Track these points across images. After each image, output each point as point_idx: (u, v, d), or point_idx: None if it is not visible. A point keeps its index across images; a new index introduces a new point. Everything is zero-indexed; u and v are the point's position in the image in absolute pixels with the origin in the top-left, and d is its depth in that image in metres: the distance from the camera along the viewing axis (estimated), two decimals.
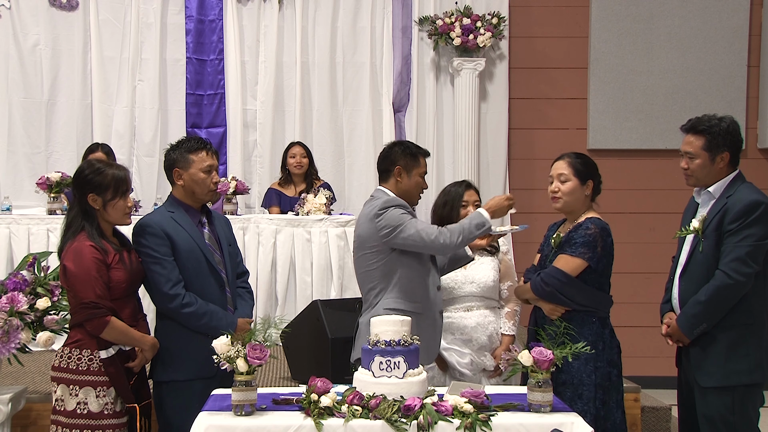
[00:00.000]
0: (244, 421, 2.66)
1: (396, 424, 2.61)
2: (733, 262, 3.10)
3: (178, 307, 3.18)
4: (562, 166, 3.35)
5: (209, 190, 3.33)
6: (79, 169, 3.18)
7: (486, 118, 6.61)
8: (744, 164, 3.34)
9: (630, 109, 6.56)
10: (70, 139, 6.32)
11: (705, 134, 3.22)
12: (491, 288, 3.68)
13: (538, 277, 3.28)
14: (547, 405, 2.75)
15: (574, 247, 3.21)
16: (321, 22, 6.53)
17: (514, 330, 3.67)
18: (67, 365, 3.01)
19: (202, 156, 3.29)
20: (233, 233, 3.56)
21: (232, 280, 3.41)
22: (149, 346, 3.14)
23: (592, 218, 3.28)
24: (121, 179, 3.11)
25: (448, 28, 6.38)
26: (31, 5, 6.29)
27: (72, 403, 2.99)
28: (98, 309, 2.96)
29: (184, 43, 6.47)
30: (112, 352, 3.02)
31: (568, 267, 3.21)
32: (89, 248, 2.99)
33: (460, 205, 3.71)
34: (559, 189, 3.32)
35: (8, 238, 5.30)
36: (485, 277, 3.67)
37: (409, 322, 2.91)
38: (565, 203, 3.32)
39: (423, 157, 3.49)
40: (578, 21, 6.65)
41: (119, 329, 3.02)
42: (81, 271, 2.96)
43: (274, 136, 6.49)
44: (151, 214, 3.42)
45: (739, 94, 6.54)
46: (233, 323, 3.25)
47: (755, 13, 6.58)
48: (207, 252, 3.29)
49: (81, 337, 3.01)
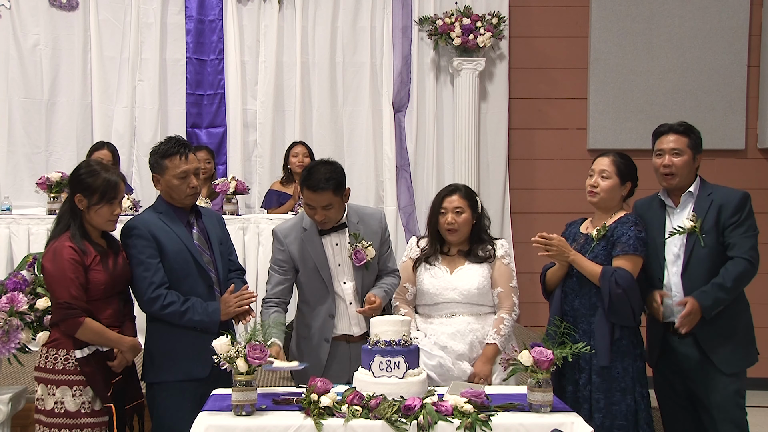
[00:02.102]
0: (244, 421, 2.66)
1: (396, 424, 2.61)
2: (751, 250, 3.31)
3: (159, 309, 3.14)
4: (606, 163, 3.42)
5: (186, 195, 3.25)
6: (77, 167, 3.16)
7: (486, 118, 6.61)
8: (744, 164, 3.41)
9: (630, 109, 6.56)
10: (70, 139, 6.32)
11: (688, 134, 3.43)
12: (475, 295, 3.47)
13: (612, 277, 3.25)
14: (547, 405, 2.76)
15: (635, 245, 3.29)
16: (321, 22, 6.53)
17: (498, 339, 3.41)
18: (45, 365, 3.02)
19: (176, 162, 3.20)
20: (226, 230, 3.49)
21: (224, 279, 3.35)
22: (128, 347, 3.10)
23: (631, 215, 3.41)
24: (111, 185, 3.07)
25: (448, 28, 6.38)
26: (31, 5, 6.29)
27: (50, 402, 3.00)
28: (72, 309, 2.96)
29: (184, 43, 6.47)
30: (87, 352, 3.01)
31: (636, 267, 3.31)
32: (68, 249, 2.99)
33: (438, 212, 3.55)
34: (599, 185, 3.40)
35: (8, 238, 5.30)
36: (468, 284, 3.47)
37: (408, 322, 2.92)
38: (601, 199, 3.41)
39: (305, 187, 3.28)
40: (578, 21, 6.65)
41: (93, 330, 3.00)
42: (57, 271, 2.97)
43: (274, 136, 6.49)
44: (138, 216, 3.38)
45: (739, 94, 6.54)
46: (216, 310, 3.19)
47: (755, 13, 6.58)
48: (195, 252, 3.24)
49: (58, 336, 3.02)
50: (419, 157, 6.63)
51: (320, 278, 3.36)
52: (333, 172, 3.26)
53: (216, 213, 3.66)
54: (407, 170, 6.63)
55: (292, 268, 3.40)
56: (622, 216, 3.38)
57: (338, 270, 3.38)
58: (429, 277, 3.54)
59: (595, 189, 3.40)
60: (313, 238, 3.36)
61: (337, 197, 3.27)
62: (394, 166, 6.55)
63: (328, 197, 3.24)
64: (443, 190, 3.65)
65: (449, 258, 3.57)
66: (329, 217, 3.28)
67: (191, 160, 3.24)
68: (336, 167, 3.32)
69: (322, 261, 3.36)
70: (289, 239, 3.39)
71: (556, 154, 6.68)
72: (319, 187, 3.21)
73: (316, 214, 3.28)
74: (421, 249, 3.63)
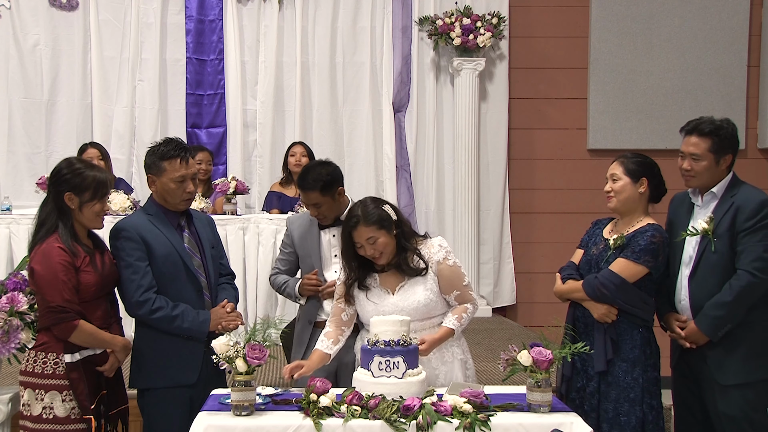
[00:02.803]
0: (244, 421, 2.66)
1: (395, 424, 2.61)
2: (756, 261, 3.08)
3: (147, 313, 3.09)
4: (614, 166, 3.33)
5: (181, 200, 3.20)
6: (57, 166, 3.09)
7: (486, 118, 6.62)
8: (744, 164, 3.35)
9: (630, 109, 6.56)
10: (70, 139, 6.32)
11: (712, 136, 3.18)
12: (423, 310, 3.11)
13: (595, 278, 3.21)
14: (546, 405, 2.75)
15: (638, 253, 3.17)
16: (321, 22, 6.54)
17: (456, 326, 3.12)
18: (33, 369, 2.94)
19: (175, 165, 3.14)
20: (218, 234, 3.47)
21: (214, 283, 3.31)
22: (120, 347, 3.06)
23: (654, 225, 3.25)
24: (102, 182, 3.01)
25: (448, 28, 6.39)
26: (31, 5, 6.30)
27: (38, 407, 2.91)
28: (66, 313, 2.89)
29: (184, 43, 6.48)
30: (78, 357, 2.95)
31: (628, 272, 3.18)
32: (57, 251, 2.91)
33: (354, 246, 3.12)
34: (612, 188, 3.31)
35: (8, 238, 5.30)
36: (413, 302, 3.09)
37: (408, 322, 2.92)
38: (618, 202, 3.29)
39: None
40: (578, 21, 6.65)
41: (88, 332, 2.95)
42: (48, 274, 2.88)
43: (274, 136, 6.50)
44: (128, 217, 3.30)
45: (738, 93, 6.55)
46: (206, 320, 3.14)
47: (755, 13, 6.59)
48: (185, 256, 3.19)
49: (47, 340, 2.94)
50: (419, 157, 6.64)
51: (311, 265, 3.52)
52: (322, 173, 3.40)
53: (207, 216, 3.62)
54: (407, 170, 6.63)
55: (293, 252, 3.61)
56: (643, 225, 3.25)
57: (333, 260, 3.51)
58: (368, 303, 3.15)
59: (609, 193, 3.31)
60: (314, 229, 3.55)
61: (325, 197, 3.39)
62: (394, 166, 6.56)
63: (315, 196, 3.39)
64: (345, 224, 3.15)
65: (385, 276, 3.17)
66: (322, 213, 3.46)
67: (191, 164, 3.21)
68: (327, 168, 3.44)
69: (316, 250, 3.53)
70: (294, 225, 3.62)
71: (555, 154, 6.68)
72: (306, 187, 3.40)
73: (310, 210, 3.49)
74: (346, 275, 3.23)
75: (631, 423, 3.17)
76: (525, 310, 6.70)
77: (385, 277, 3.16)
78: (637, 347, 3.19)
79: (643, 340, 3.22)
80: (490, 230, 6.58)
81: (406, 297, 3.11)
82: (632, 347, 3.20)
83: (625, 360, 3.19)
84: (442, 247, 3.17)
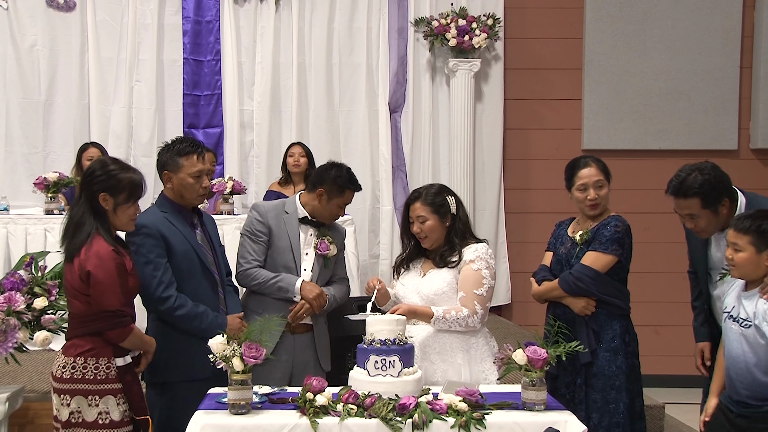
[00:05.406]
0: (240, 420, 2.68)
1: (391, 422, 2.63)
2: None
3: (169, 310, 3.14)
4: (595, 172, 3.44)
5: (198, 195, 3.28)
6: (91, 167, 3.01)
7: (481, 119, 6.64)
8: (737, 165, 3.40)
9: (624, 109, 6.59)
10: (68, 140, 6.33)
11: (697, 196, 3.12)
12: (434, 299, 3.22)
13: (569, 274, 3.36)
14: (541, 403, 2.78)
15: (605, 244, 3.34)
16: (317, 24, 6.55)
17: (437, 314, 3.15)
18: (83, 375, 2.88)
19: (193, 161, 3.23)
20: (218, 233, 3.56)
21: (225, 280, 3.41)
22: (153, 348, 3.09)
23: (616, 216, 3.43)
24: (137, 184, 2.96)
25: (444, 29, 6.41)
26: (29, 6, 6.30)
27: (92, 413, 2.87)
28: (123, 317, 2.88)
29: (181, 44, 6.49)
30: (129, 360, 2.96)
31: (599, 263, 3.34)
32: (111, 253, 2.86)
33: (408, 222, 3.36)
34: (599, 196, 3.42)
35: (6, 238, 5.31)
36: (430, 289, 3.24)
37: (404, 321, 2.94)
38: (602, 208, 3.45)
39: (351, 191, 3.58)
40: (573, 22, 6.68)
41: (138, 335, 2.97)
42: (107, 278, 2.83)
43: (271, 136, 6.51)
44: (145, 215, 3.29)
45: (731, 95, 6.58)
46: (224, 324, 3.22)
47: (747, 14, 6.62)
48: (201, 253, 3.27)
49: (94, 345, 2.89)
50: (415, 158, 6.66)
51: (287, 257, 3.54)
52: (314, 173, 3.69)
53: (209, 216, 3.67)
54: (403, 170, 6.65)
55: (267, 241, 3.57)
56: (605, 218, 3.43)
57: (304, 257, 3.58)
58: (402, 279, 3.39)
59: (595, 201, 3.40)
60: (293, 222, 3.58)
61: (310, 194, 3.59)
62: (390, 166, 6.58)
63: None
64: (409, 195, 3.40)
65: (427, 261, 3.36)
66: None
67: (207, 160, 3.32)
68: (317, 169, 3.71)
69: (295, 242, 3.56)
70: (270, 215, 3.59)
71: (551, 155, 6.71)
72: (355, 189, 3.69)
73: None
74: None
75: (619, 409, 3.30)
76: (520, 310, 6.73)
77: (426, 262, 3.36)
78: (618, 336, 3.36)
79: (622, 328, 3.38)
80: (486, 230, 6.60)
81: (427, 282, 3.28)
82: (613, 337, 3.35)
83: (608, 350, 3.34)
84: (477, 251, 3.26)
